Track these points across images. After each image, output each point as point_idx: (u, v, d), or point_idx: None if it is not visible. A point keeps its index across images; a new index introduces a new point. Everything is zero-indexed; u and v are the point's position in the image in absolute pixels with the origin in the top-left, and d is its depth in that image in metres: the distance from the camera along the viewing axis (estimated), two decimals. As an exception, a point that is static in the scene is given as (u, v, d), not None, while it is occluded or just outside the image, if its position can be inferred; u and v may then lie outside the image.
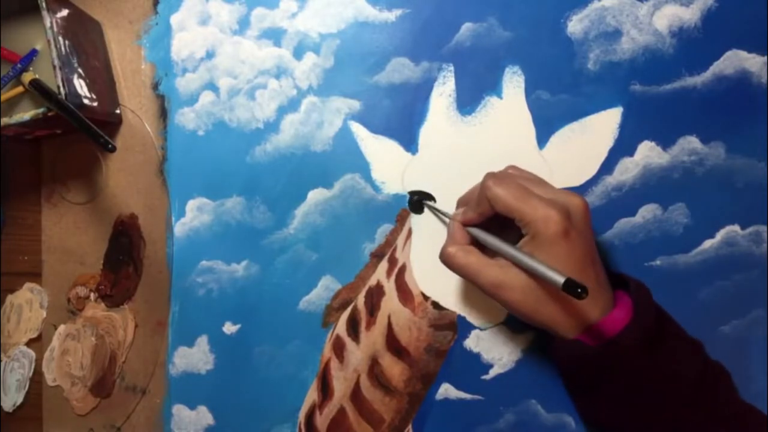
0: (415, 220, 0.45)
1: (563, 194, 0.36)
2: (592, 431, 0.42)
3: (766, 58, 0.41)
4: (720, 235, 0.41)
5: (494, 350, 0.43)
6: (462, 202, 0.41)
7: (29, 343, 0.50)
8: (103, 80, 0.47)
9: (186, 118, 0.48)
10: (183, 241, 0.48)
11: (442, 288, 0.44)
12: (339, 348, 0.46)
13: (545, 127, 0.43)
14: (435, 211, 0.44)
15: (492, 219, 0.38)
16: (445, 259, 0.38)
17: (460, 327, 0.44)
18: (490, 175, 0.37)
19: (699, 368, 0.35)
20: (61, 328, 0.50)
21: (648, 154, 0.42)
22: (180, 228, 0.48)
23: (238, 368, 0.47)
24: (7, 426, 0.50)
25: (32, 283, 0.51)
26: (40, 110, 0.41)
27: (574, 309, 0.35)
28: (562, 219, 0.34)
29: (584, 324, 0.35)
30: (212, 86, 0.48)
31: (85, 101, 0.43)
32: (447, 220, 0.42)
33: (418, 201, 0.44)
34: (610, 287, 0.37)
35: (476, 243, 0.39)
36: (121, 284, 0.49)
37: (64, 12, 0.43)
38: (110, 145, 0.39)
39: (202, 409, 0.47)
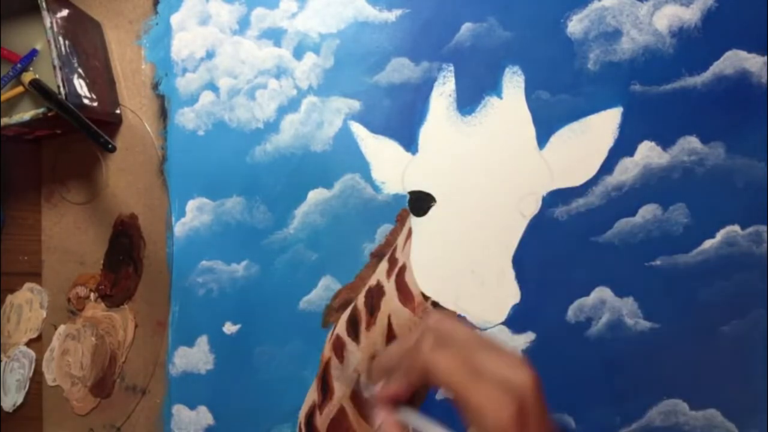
0: (415, 220, 0.45)
1: (512, 370, 0.30)
2: None
3: (766, 58, 0.41)
4: (720, 235, 0.41)
5: (494, 350, 0.43)
6: (381, 369, 0.33)
7: (29, 343, 0.50)
8: (103, 80, 0.47)
9: (186, 118, 0.48)
10: (183, 241, 0.48)
11: (442, 288, 0.44)
12: (339, 348, 0.46)
13: (545, 127, 0.43)
14: (364, 387, 0.38)
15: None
16: None
17: (460, 327, 0.44)
18: (426, 338, 0.30)
19: None
20: (61, 328, 0.50)
21: (648, 154, 0.42)
22: (180, 228, 0.48)
23: (238, 368, 0.47)
24: (7, 426, 0.50)
25: (32, 283, 0.51)
26: (40, 110, 0.41)
27: None
28: (517, 409, 0.28)
29: None
30: (212, 86, 0.48)
31: (85, 101, 0.43)
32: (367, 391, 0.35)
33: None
34: None
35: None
36: (121, 284, 0.49)
37: (64, 12, 0.43)
38: (110, 145, 0.39)
39: (202, 409, 0.47)
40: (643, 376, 0.42)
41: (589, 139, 0.43)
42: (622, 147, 0.42)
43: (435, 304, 0.44)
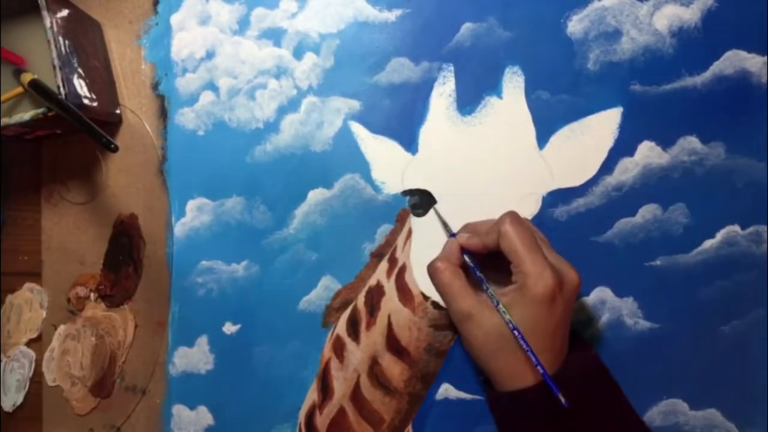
0: (415, 220, 0.45)
1: (565, 264, 0.37)
2: None
3: (766, 58, 0.41)
4: (720, 235, 0.41)
5: (494, 350, 0.43)
6: (468, 229, 0.41)
7: (29, 343, 0.50)
8: (103, 80, 0.47)
9: (186, 118, 0.48)
10: (183, 241, 0.48)
11: (442, 288, 0.44)
12: (339, 348, 0.46)
13: (545, 127, 0.43)
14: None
15: (487, 258, 0.38)
16: (432, 272, 0.39)
17: (460, 327, 0.44)
18: (512, 213, 0.37)
19: None
20: (61, 328, 0.50)
21: (648, 154, 0.42)
22: (180, 228, 0.48)
23: (238, 368, 0.47)
24: (7, 426, 0.50)
25: (32, 283, 0.51)
26: (40, 110, 0.41)
27: (525, 364, 0.35)
28: (554, 284, 0.34)
29: (527, 380, 0.35)
30: (212, 86, 0.48)
31: (85, 101, 0.43)
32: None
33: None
34: (567, 348, 0.37)
35: (464, 270, 0.39)
36: (121, 284, 0.49)
37: (64, 12, 0.43)
38: (113, 145, 0.39)
39: (202, 409, 0.47)
40: (642, 376, 0.42)
41: (589, 139, 0.43)
42: (622, 147, 0.42)
43: (435, 304, 0.44)
